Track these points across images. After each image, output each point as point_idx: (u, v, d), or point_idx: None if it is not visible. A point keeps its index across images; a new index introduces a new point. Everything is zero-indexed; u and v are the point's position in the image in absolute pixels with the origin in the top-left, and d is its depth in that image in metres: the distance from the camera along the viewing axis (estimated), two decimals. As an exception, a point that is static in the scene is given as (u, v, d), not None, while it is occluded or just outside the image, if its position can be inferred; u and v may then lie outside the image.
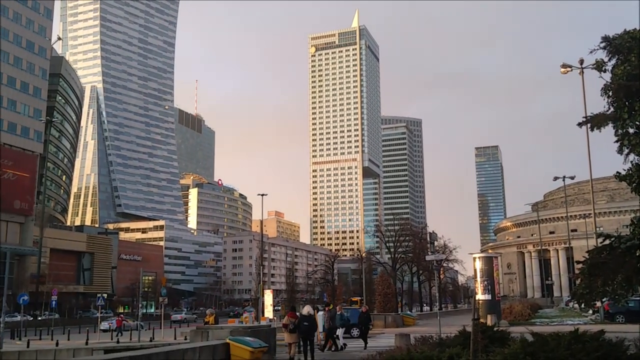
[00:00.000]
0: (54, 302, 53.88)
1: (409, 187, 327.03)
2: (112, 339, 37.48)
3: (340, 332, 24.94)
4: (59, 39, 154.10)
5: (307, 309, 21.15)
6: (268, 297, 42.98)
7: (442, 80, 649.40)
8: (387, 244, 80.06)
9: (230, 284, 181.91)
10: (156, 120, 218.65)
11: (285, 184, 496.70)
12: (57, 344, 31.95)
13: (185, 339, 27.81)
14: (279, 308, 75.14)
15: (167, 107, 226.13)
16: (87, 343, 32.34)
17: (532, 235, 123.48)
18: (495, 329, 13.94)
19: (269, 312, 42.35)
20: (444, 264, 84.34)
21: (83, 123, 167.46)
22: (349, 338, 30.52)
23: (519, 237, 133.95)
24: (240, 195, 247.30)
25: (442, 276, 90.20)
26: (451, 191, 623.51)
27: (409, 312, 61.48)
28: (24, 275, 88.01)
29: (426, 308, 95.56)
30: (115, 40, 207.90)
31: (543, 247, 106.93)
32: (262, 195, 72.68)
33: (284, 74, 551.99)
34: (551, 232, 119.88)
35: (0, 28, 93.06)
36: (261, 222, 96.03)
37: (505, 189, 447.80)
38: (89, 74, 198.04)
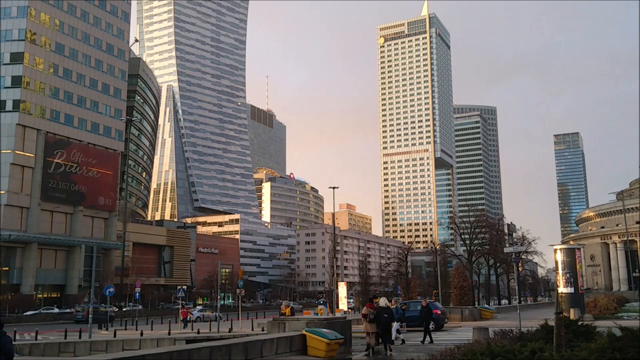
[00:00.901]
0: (137, 294, 56.22)
1: (483, 178, 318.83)
2: (192, 330, 38.77)
3: (395, 326, 24.67)
4: (136, 40, 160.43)
5: (384, 301, 21.53)
6: (342, 290, 43.06)
7: (517, 65, 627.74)
8: (462, 236, 78.29)
9: (304, 276, 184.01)
10: (229, 117, 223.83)
11: (356, 177, 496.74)
12: (141, 334, 33.40)
13: (263, 330, 28.31)
14: (352, 300, 75.23)
15: (239, 104, 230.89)
16: (169, 333, 33.59)
17: (617, 225, 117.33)
18: (579, 323, 13.34)
19: (343, 305, 42.43)
20: (523, 256, 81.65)
21: (160, 121, 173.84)
22: (424, 331, 30.27)
23: (602, 227, 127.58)
24: (312, 188, 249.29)
25: (520, 269, 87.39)
26: (529, 181, 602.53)
27: (486, 306, 59.92)
28: (109, 268, 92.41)
29: (504, 301, 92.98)
30: (188, 40, 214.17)
31: (630, 238, 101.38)
32: (334, 188, 72.93)
33: (353, 66, 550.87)
34: (638, 222, 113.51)
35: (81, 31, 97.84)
36: (333, 214, 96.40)
37: (587, 177, 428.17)
38: (165, 73, 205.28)
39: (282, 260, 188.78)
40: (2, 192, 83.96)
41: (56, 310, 77.13)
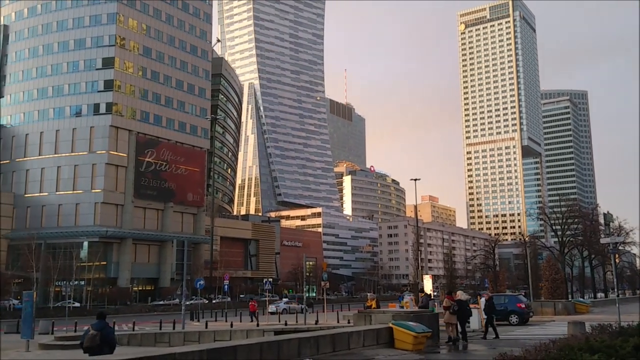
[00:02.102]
0: (226, 286, 57.86)
1: (575, 165, 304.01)
2: (279, 321, 39.48)
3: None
4: (218, 41, 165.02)
5: (462, 294, 21.40)
6: (427, 283, 42.43)
7: (609, 47, 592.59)
8: (553, 227, 74.91)
9: (387, 269, 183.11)
10: (309, 112, 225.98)
11: (438, 168, 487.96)
12: (231, 325, 34.40)
13: (349, 322, 28.35)
14: (438, 293, 74.01)
15: (318, 98, 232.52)
16: (257, 325, 34.40)
17: None
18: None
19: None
20: (620, 247, 77.15)
21: (243, 118, 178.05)
22: (507, 325, 29.53)
23: None
24: (393, 180, 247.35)
25: (617, 260, 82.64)
26: (625, 168, 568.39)
27: (581, 299, 57.15)
28: (199, 261, 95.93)
29: (600, 295, 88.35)
30: (268, 37, 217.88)
31: None
32: (415, 180, 71.95)
33: (432, 55, 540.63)
34: None
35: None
36: (415, 207, 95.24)
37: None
38: (246, 71, 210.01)
39: (365, 253, 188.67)
40: (98, 190, 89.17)
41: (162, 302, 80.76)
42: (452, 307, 20.29)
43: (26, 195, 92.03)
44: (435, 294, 48.19)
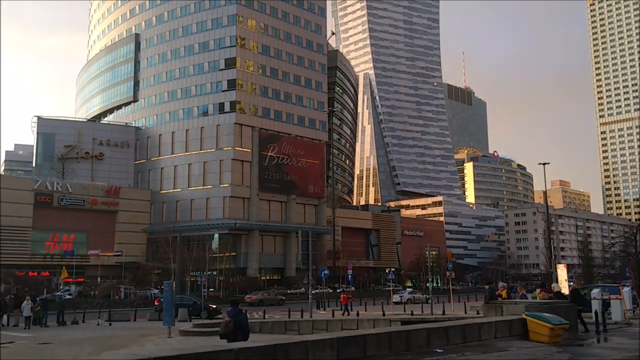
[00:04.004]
0: (350, 276, 58.37)
1: None
2: (404, 311, 39.13)
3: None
4: (333, 34, 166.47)
5: (557, 286, 20.22)
6: (562, 272, 39.97)
7: None
8: None
9: (515, 258, 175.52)
10: (426, 98, 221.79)
11: (568, 150, 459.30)
12: (357, 314, 34.59)
13: (477, 313, 27.42)
14: (573, 282, 69.62)
15: (435, 84, 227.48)
16: (384, 314, 34.29)
17: None
18: None
19: (564, 288, 39.34)
20: None
21: (359, 109, 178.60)
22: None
23: None
24: (519, 165, 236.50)
25: None
26: None
27: None
28: (322, 251, 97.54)
29: None
30: (381, 25, 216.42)
31: None
32: (544, 164, 67.99)
33: (556, 31, 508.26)
34: None
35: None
36: (544, 192, 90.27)
37: None
38: (360, 62, 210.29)
39: (490, 242, 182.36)
40: (226, 185, 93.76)
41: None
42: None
43: (162, 192, 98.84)
44: (571, 284, 45.24)
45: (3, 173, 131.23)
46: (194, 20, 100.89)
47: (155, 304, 42.97)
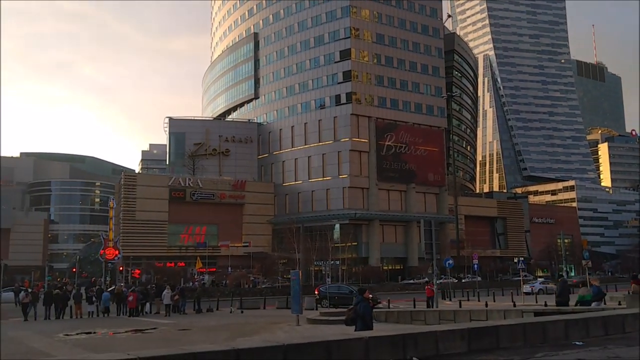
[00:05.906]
0: (475, 266, 56.67)
1: None
2: (536, 302, 37.17)
3: None
4: (449, 16, 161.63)
5: None
6: None
7: None
8: None
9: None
10: (553, 77, 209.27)
11: None
12: (486, 305, 33.38)
13: (619, 304, 25.39)
14: None
15: (563, 61, 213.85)
16: (514, 305, 32.82)
17: None
18: None
19: None
20: None
21: (480, 93, 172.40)
22: None
23: None
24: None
25: None
26: None
27: None
28: (445, 241, 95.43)
29: None
30: (502, 3, 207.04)
31: None
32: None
33: None
34: None
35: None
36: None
37: None
38: (479, 43, 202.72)
39: (631, 228, 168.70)
40: (345, 176, 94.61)
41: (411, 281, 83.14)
42: None
43: (284, 184, 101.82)
44: None
45: (140, 171, 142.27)
46: (308, 15, 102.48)
47: (315, 293, 44.46)
